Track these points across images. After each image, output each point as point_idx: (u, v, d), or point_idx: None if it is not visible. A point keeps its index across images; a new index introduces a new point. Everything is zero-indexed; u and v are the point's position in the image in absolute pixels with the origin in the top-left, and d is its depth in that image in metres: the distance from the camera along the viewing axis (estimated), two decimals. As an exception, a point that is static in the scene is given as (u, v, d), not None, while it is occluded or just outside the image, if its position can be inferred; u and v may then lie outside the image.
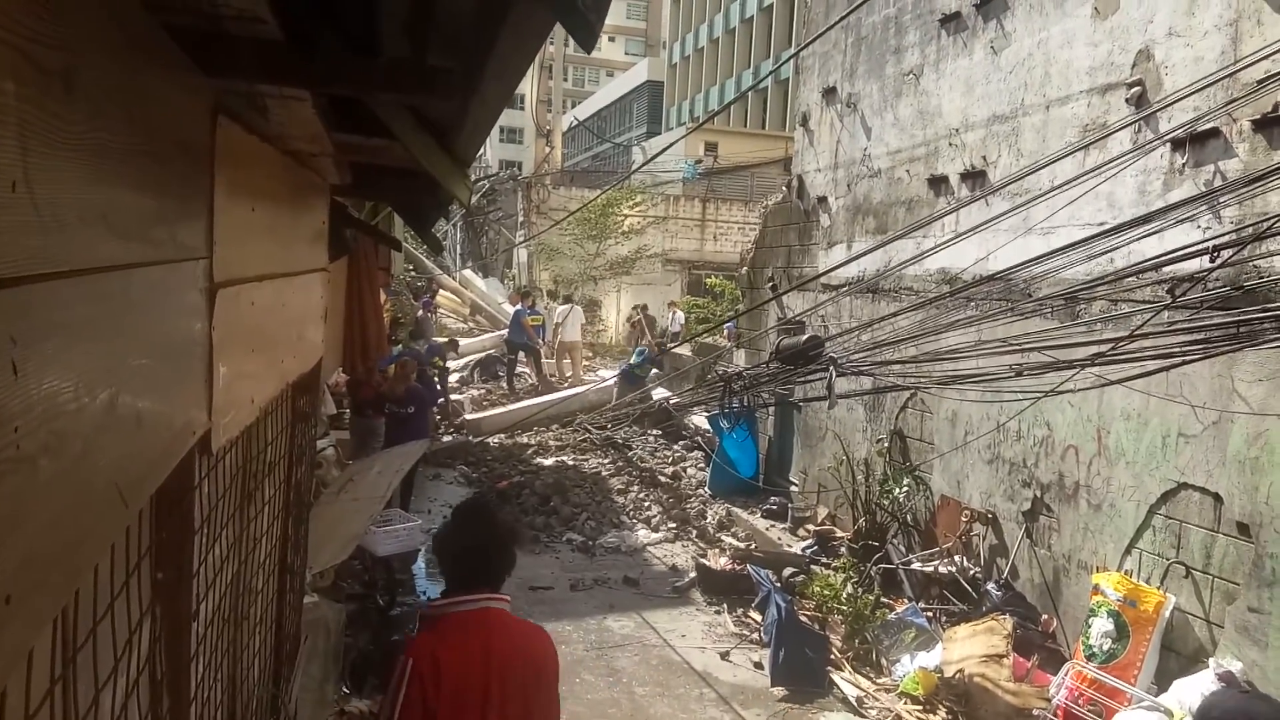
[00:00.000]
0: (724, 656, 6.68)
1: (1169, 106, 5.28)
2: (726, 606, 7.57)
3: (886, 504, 7.94)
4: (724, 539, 9.22)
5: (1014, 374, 5.22)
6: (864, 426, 8.77)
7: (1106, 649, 5.19)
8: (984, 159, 7.20)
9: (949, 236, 6.71)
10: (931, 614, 6.65)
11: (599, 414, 12.95)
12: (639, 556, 8.85)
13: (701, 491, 10.56)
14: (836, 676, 6.25)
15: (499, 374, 16.07)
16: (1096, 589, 5.42)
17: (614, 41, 65.97)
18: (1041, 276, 5.91)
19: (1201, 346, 4.26)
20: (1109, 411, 5.80)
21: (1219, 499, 5.00)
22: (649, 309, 19.37)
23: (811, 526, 9.04)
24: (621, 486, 10.72)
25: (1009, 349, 5.32)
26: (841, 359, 6.74)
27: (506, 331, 16.61)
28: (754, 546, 8.76)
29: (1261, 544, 4.71)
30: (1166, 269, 4.79)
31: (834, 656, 6.46)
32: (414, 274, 20.25)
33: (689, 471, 11.33)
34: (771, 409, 10.47)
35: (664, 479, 10.91)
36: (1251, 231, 4.54)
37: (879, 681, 6.23)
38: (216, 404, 1.81)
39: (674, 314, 20.00)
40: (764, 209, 11.84)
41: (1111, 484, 5.77)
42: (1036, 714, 5.20)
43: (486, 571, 2.66)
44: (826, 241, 9.69)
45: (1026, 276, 5.93)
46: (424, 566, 7.59)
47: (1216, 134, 5.11)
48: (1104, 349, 4.69)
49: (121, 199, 1.21)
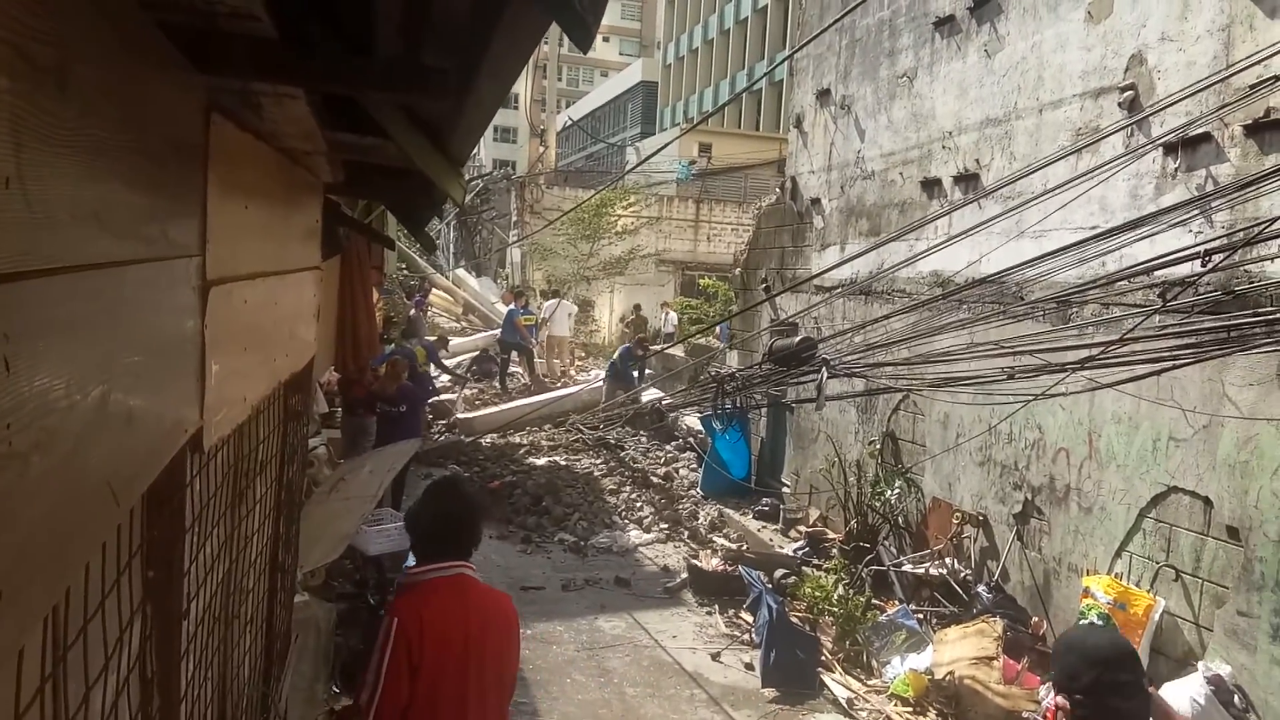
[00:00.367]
0: (715, 657, 6.69)
1: (1161, 111, 5.31)
2: (718, 607, 7.58)
3: (878, 506, 7.95)
4: (716, 540, 9.22)
5: (1006, 377, 5.23)
6: (856, 428, 8.79)
7: (1096, 651, 5.20)
8: (977, 162, 7.22)
9: (942, 239, 6.73)
10: (922, 616, 6.67)
11: (591, 414, 12.94)
12: (631, 557, 8.85)
13: (693, 492, 10.55)
14: (827, 678, 6.27)
15: (493, 371, 16.05)
16: (1086, 592, 5.45)
17: (609, 42, 66.03)
18: (1034, 280, 5.92)
19: (1192, 351, 4.27)
20: (1100, 415, 5.83)
21: (1209, 503, 5.02)
22: (641, 309, 19.38)
23: (803, 528, 9.05)
24: (614, 487, 10.71)
25: (1001, 352, 5.33)
26: (834, 360, 6.75)
27: (499, 331, 16.59)
28: (746, 547, 8.78)
29: (1251, 548, 4.73)
30: (1158, 273, 4.81)
31: (825, 658, 6.47)
32: (407, 273, 20.20)
33: (681, 472, 11.31)
34: (764, 410, 10.48)
35: (656, 480, 10.90)
36: (1243, 236, 4.57)
37: (869, 683, 6.24)
38: (208, 402, 1.80)
39: (667, 314, 20.01)
40: (758, 210, 11.86)
41: (1102, 487, 5.79)
42: (1026, 716, 5.22)
43: (457, 542, 2.91)
44: (820, 243, 9.71)
45: (1019, 280, 5.95)
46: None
47: (1208, 139, 5.14)
48: (1095, 352, 4.70)
49: (114, 196, 1.20)
